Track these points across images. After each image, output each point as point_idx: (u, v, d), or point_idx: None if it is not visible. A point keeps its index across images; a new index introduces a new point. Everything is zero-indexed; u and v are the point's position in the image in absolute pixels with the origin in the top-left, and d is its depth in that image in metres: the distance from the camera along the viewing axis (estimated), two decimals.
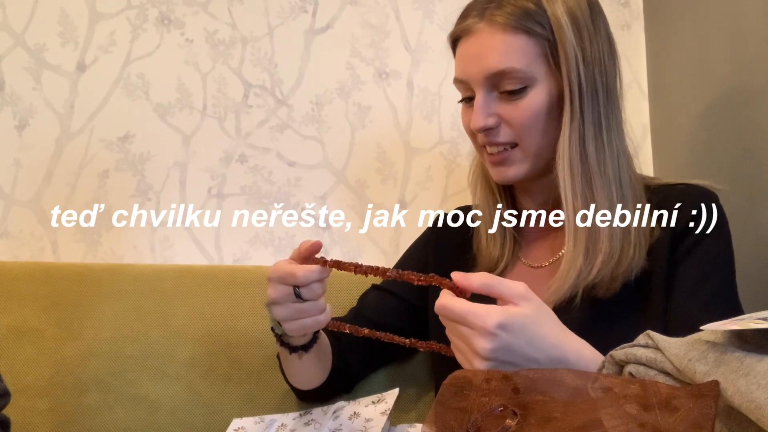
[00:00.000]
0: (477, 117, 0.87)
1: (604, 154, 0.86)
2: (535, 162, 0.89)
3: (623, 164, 0.88)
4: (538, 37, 0.85)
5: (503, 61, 0.85)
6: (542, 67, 0.85)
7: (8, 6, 1.30)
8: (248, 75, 1.34)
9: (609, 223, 0.85)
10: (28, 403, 1.09)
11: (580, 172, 0.85)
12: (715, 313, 0.80)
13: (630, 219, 0.86)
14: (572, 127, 0.85)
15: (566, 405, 0.57)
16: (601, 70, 0.86)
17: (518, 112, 0.86)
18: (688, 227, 0.86)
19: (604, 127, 0.86)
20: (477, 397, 0.60)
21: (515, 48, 0.85)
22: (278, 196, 1.33)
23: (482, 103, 0.87)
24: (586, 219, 0.85)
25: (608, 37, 0.89)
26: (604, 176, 0.86)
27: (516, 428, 0.56)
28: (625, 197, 0.86)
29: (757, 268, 1.01)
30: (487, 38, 0.86)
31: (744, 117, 1.08)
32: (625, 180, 0.87)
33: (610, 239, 0.84)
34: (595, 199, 0.85)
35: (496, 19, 0.85)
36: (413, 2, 1.37)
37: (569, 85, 0.85)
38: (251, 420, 0.98)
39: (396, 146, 1.36)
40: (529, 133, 0.87)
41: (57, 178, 1.29)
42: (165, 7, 1.33)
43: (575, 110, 0.85)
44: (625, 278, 0.85)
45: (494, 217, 0.97)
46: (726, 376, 0.53)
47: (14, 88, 1.30)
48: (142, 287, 1.16)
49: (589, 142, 0.85)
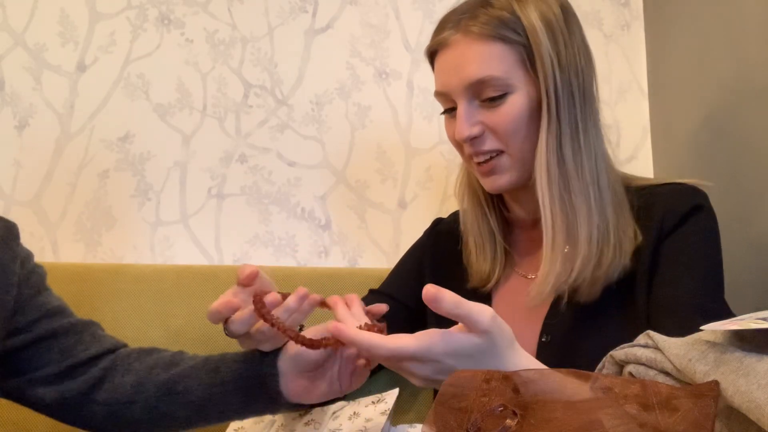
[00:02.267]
0: (461, 126, 0.87)
1: (581, 156, 0.86)
2: (522, 168, 0.89)
3: (601, 166, 0.87)
4: (514, 44, 0.85)
5: (482, 69, 0.85)
6: (520, 73, 0.86)
7: (8, 6, 1.30)
8: (248, 75, 1.34)
9: (587, 225, 0.84)
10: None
11: (558, 175, 0.85)
12: (697, 301, 0.80)
13: (609, 221, 0.86)
14: (549, 131, 0.85)
15: (566, 405, 0.57)
16: (577, 73, 0.87)
17: (500, 118, 0.86)
18: (674, 229, 0.86)
19: (581, 129, 0.86)
20: (477, 397, 0.60)
21: (492, 56, 0.85)
22: (278, 196, 1.33)
23: (465, 113, 0.87)
24: (565, 222, 0.85)
25: (583, 39, 0.89)
26: (582, 179, 0.85)
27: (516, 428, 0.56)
28: (603, 199, 0.86)
29: (756, 268, 1.01)
30: (464, 49, 0.87)
31: (744, 117, 1.08)
32: (603, 182, 0.87)
33: (589, 241, 0.84)
34: (573, 202, 0.85)
35: (471, 30, 0.86)
36: (413, 2, 1.37)
37: (546, 89, 0.85)
38: (251, 420, 0.98)
39: (396, 146, 1.36)
40: (513, 139, 0.87)
41: (57, 178, 1.29)
42: (165, 7, 1.33)
43: (552, 114, 0.85)
44: (606, 281, 0.85)
45: (483, 229, 0.96)
46: (726, 376, 0.53)
47: (14, 88, 1.30)
48: (142, 287, 1.16)
49: (566, 145, 0.85)
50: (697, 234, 0.86)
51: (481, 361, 0.65)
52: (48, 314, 0.86)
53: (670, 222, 0.86)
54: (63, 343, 0.85)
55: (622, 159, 1.37)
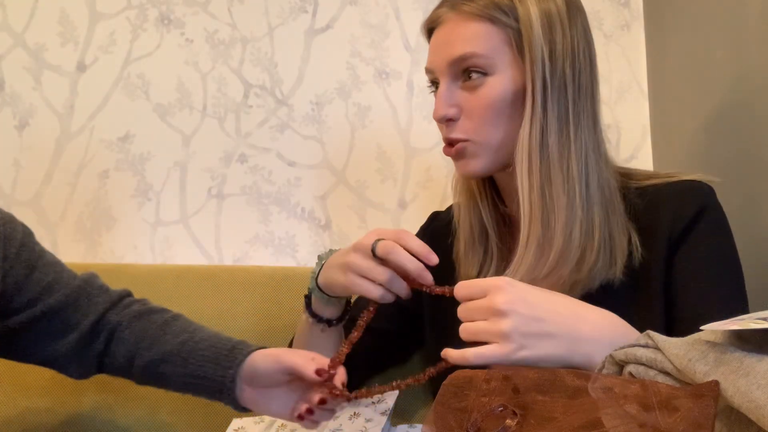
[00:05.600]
0: (438, 106, 0.87)
1: (569, 150, 0.83)
2: (495, 156, 0.86)
3: (592, 164, 0.84)
4: (502, 25, 0.84)
5: (464, 47, 0.85)
6: (505, 55, 0.84)
7: (8, 6, 1.30)
8: (248, 75, 1.34)
9: (566, 218, 0.82)
10: (28, 403, 1.09)
11: (539, 164, 0.83)
12: (730, 314, 0.78)
13: (594, 220, 0.83)
14: (533, 119, 0.83)
15: (566, 405, 0.57)
16: (573, 66, 0.84)
17: (477, 101, 0.85)
18: (684, 236, 0.84)
19: (571, 122, 0.84)
20: (477, 397, 0.61)
21: (477, 34, 0.85)
22: (278, 196, 1.33)
23: (444, 92, 0.87)
24: (541, 211, 0.82)
25: (585, 35, 0.87)
26: (567, 172, 0.83)
27: (516, 428, 0.56)
28: (590, 197, 0.83)
29: (757, 268, 1.01)
30: (453, 26, 0.87)
31: (744, 117, 1.08)
32: (593, 180, 0.84)
33: (566, 236, 0.81)
34: (553, 194, 0.82)
35: (463, 9, 0.86)
36: (413, 2, 1.37)
37: (532, 76, 0.83)
38: (251, 420, 0.98)
39: (396, 146, 1.36)
40: (484, 127, 0.85)
41: (57, 178, 1.29)
42: (165, 7, 1.33)
43: (537, 103, 0.83)
44: (585, 287, 0.82)
45: (474, 223, 0.94)
46: (726, 376, 0.53)
47: (14, 88, 1.30)
48: (142, 287, 1.16)
49: (551, 136, 0.83)
50: (709, 240, 0.84)
51: (542, 290, 0.74)
52: (45, 291, 0.90)
53: (679, 227, 0.84)
54: (63, 317, 0.90)
55: (622, 159, 1.37)
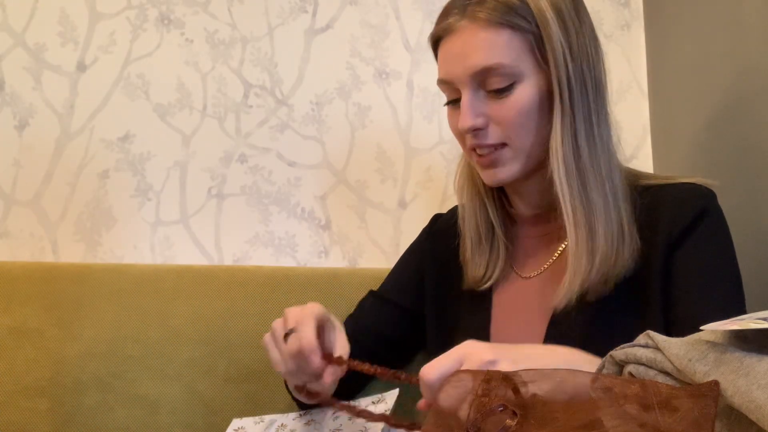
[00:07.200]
0: (465, 117, 0.84)
1: (596, 150, 0.84)
2: (526, 161, 0.86)
3: (614, 161, 0.86)
4: (523, 32, 0.83)
5: (488, 57, 0.82)
6: (529, 62, 0.83)
7: (8, 6, 1.30)
8: (248, 75, 1.34)
9: (605, 221, 0.82)
10: (28, 403, 1.09)
11: (575, 169, 0.83)
12: (728, 316, 0.78)
13: (623, 217, 0.84)
14: (564, 123, 0.83)
15: (566, 405, 0.57)
16: (589, 64, 0.85)
17: (506, 110, 0.84)
18: (684, 238, 0.84)
19: (594, 122, 0.84)
20: (477, 397, 0.60)
21: (500, 44, 0.82)
22: (278, 196, 1.33)
23: (469, 103, 0.84)
24: (585, 217, 0.83)
25: (592, 30, 0.87)
26: (597, 173, 0.84)
27: (516, 428, 0.56)
28: (617, 195, 0.84)
29: (757, 269, 1.01)
30: (470, 36, 0.83)
31: (744, 117, 1.08)
32: (616, 177, 0.85)
33: (606, 238, 0.82)
34: (590, 197, 0.83)
35: (478, 16, 0.83)
36: (413, 2, 1.37)
37: (558, 79, 0.83)
38: (251, 420, 0.98)
39: (396, 146, 1.36)
40: (518, 131, 0.84)
41: (57, 178, 1.29)
42: (165, 7, 1.33)
43: (565, 106, 0.83)
44: (616, 280, 0.83)
45: (481, 223, 0.93)
46: (726, 376, 0.53)
47: (14, 88, 1.30)
48: (142, 287, 1.16)
49: (581, 138, 0.83)
50: (709, 242, 0.84)
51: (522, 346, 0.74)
52: None
53: (678, 228, 0.84)
54: None
55: (622, 159, 1.37)
